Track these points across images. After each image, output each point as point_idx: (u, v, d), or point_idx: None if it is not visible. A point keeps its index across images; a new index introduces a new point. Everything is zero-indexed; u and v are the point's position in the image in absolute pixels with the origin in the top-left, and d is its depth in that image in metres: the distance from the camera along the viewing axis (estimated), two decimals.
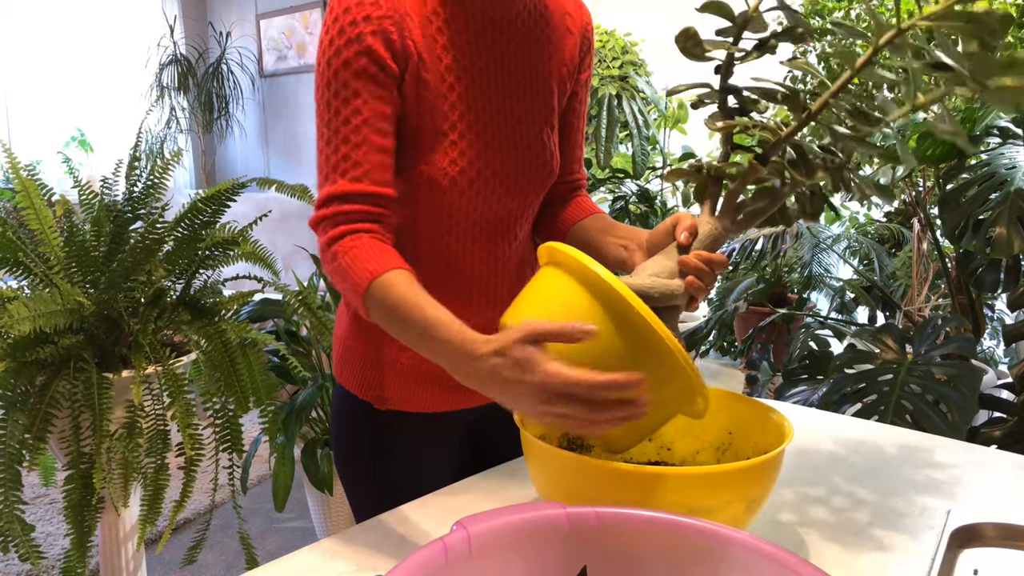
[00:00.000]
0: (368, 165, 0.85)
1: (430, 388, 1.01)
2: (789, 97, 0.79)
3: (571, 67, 1.01)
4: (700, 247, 0.79)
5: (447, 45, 0.90)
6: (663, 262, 0.79)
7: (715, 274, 0.78)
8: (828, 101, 0.77)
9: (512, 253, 1.01)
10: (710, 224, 0.80)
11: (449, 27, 0.90)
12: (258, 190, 1.96)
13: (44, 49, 4.40)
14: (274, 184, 1.85)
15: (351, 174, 0.85)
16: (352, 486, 1.06)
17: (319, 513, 2.28)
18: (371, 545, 0.83)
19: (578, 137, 1.08)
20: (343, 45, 0.84)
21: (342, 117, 0.85)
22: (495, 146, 0.93)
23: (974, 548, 0.82)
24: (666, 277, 0.78)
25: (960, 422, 1.60)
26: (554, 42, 0.99)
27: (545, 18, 0.98)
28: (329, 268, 0.86)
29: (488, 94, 0.93)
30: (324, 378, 2.21)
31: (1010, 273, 1.99)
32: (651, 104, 3.20)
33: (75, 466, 1.53)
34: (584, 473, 0.71)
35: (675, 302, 0.77)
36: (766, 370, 3.02)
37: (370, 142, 0.85)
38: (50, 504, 2.63)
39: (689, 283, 0.77)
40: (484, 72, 0.92)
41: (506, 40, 0.94)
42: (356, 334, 1.02)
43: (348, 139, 0.85)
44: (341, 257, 0.83)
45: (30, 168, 1.68)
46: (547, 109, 0.99)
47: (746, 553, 0.48)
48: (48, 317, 1.48)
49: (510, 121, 0.95)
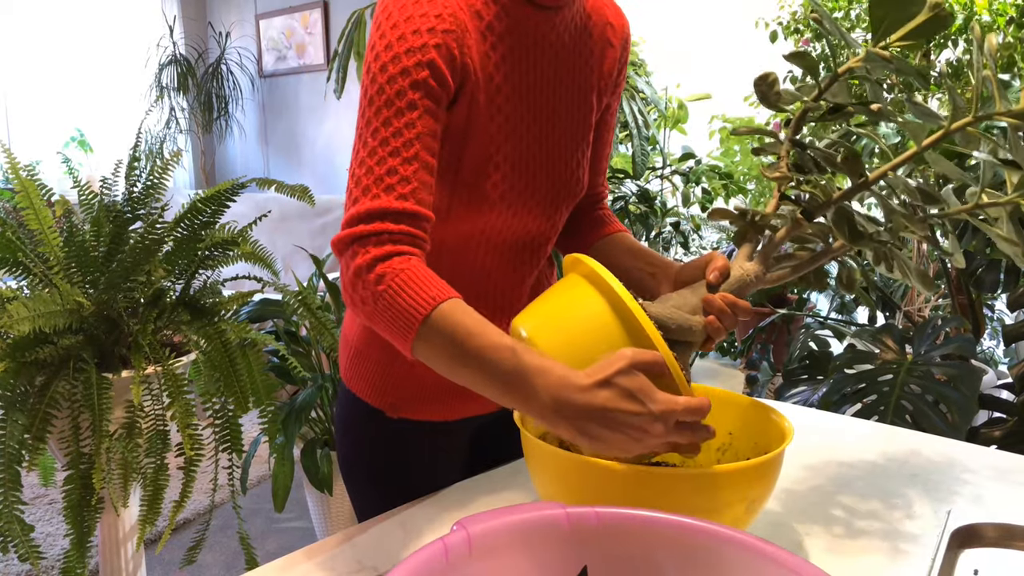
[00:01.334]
0: (416, 183, 0.78)
1: (444, 398, 1.00)
2: (849, 161, 0.78)
3: (609, 80, 0.99)
4: (728, 289, 0.78)
5: (499, 63, 0.86)
6: (688, 296, 0.79)
7: (736, 319, 0.76)
8: (887, 173, 0.76)
9: (533, 269, 1.00)
10: (743, 269, 0.80)
11: (503, 43, 0.86)
12: (258, 190, 1.96)
13: (44, 49, 4.40)
14: (274, 184, 1.85)
15: (398, 191, 0.77)
16: (356, 488, 1.06)
17: (319, 513, 2.27)
18: (371, 545, 0.83)
19: (606, 149, 1.05)
20: (403, 53, 0.79)
21: (393, 128, 0.78)
22: (535, 167, 0.91)
23: (974, 548, 0.82)
24: (687, 312, 0.77)
25: (960, 422, 1.60)
26: (596, 55, 0.96)
27: (588, 31, 0.95)
28: (368, 292, 0.75)
29: (533, 114, 0.90)
30: (324, 378, 2.21)
31: (1010, 273, 1.99)
32: (651, 104, 3.20)
33: (75, 466, 1.53)
34: (584, 473, 0.70)
35: (691, 338, 0.76)
36: (766, 370, 3.02)
37: (421, 159, 0.79)
38: (50, 504, 2.63)
39: (709, 322, 0.76)
40: (531, 91, 0.89)
41: (552, 56, 0.90)
42: (369, 340, 1.00)
43: (399, 152, 0.78)
44: (391, 279, 0.74)
45: (30, 168, 1.68)
46: (585, 126, 0.96)
47: (746, 553, 0.48)
48: (48, 317, 1.48)
49: (551, 140, 0.92)
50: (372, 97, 0.79)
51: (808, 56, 0.78)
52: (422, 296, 0.73)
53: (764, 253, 0.81)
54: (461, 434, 1.06)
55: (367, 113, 0.80)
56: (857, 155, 0.78)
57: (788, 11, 2.84)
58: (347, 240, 0.77)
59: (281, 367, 2.16)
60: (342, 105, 4.48)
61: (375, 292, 0.75)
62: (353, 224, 0.77)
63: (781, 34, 2.85)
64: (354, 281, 0.76)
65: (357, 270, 0.76)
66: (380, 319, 0.76)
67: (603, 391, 0.65)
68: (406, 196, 0.77)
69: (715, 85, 3.62)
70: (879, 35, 0.74)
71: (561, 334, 0.73)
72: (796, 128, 0.81)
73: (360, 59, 2.73)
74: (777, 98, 0.80)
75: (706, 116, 3.77)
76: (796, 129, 0.81)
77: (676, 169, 3.60)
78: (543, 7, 0.87)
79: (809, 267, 0.81)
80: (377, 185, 0.77)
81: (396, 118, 0.78)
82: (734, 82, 3.50)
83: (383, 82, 0.79)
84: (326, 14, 4.50)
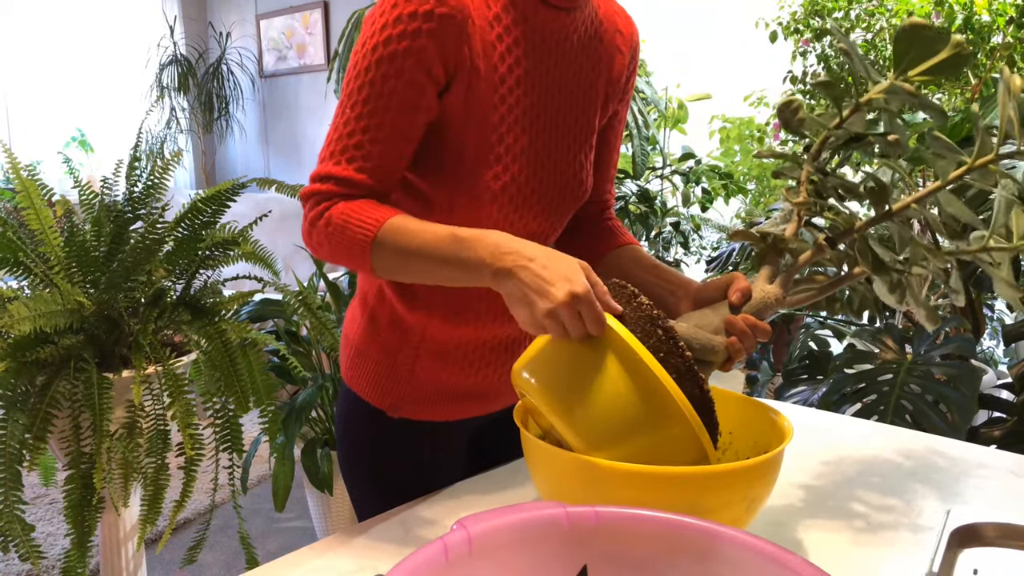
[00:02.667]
0: (378, 161, 0.84)
1: (444, 399, 1.01)
2: (874, 192, 0.80)
3: (616, 87, 0.99)
4: (750, 311, 0.80)
5: (504, 54, 0.87)
6: (709, 316, 0.80)
7: (756, 342, 0.78)
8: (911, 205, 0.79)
9: None
10: (763, 291, 0.81)
11: (509, 35, 0.87)
12: (258, 190, 1.97)
13: (44, 49, 4.40)
14: (274, 184, 1.85)
15: (358, 164, 0.83)
16: (357, 488, 1.06)
17: (319, 513, 2.28)
18: (371, 545, 0.83)
19: (613, 156, 1.06)
20: (396, 35, 0.80)
21: (370, 106, 0.83)
22: (537, 163, 0.91)
23: (974, 548, 0.82)
24: (710, 331, 0.78)
25: (960, 422, 1.60)
26: (604, 61, 0.96)
27: (599, 36, 0.95)
28: (322, 233, 0.84)
29: (537, 109, 0.90)
30: (324, 378, 2.21)
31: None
32: (651, 104, 3.20)
33: (75, 466, 1.53)
34: (584, 473, 0.71)
35: (712, 358, 0.77)
36: (766, 370, 3.02)
37: (388, 141, 0.83)
38: (50, 504, 2.63)
39: (731, 343, 0.77)
40: (535, 87, 0.90)
41: (560, 56, 0.91)
42: (370, 340, 1.00)
43: (369, 129, 0.83)
44: (338, 216, 0.82)
45: (30, 168, 1.68)
46: (589, 129, 0.97)
47: (746, 552, 0.48)
48: (48, 317, 1.48)
49: (554, 138, 0.93)
50: (360, 71, 0.83)
51: (834, 86, 0.80)
52: (366, 222, 0.81)
53: (786, 277, 0.82)
54: (461, 434, 1.06)
55: (351, 84, 0.84)
56: (884, 186, 0.79)
57: (788, 11, 2.84)
58: (306, 195, 0.86)
59: (281, 367, 2.16)
60: None
61: (327, 233, 0.83)
62: (315, 181, 0.85)
63: (781, 34, 2.85)
64: (309, 230, 0.85)
65: (311, 220, 0.85)
66: (338, 253, 0.84)
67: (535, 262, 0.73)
68: (364, 170, 0.84)
69: (715, 85, 3.62)
70: (901, 69, 0.76)
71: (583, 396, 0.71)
72: (816, 154, 0.83)
73: None
74: (799, 124, 0.83)
75: (706, 116, 3.76)
76: (816, 155, 0.83)
77: (676, 169, 3.59)
78: (555, 7, 0.88)
79: (827, 292, 0.83)
80: (342, 153, 0.84)
81: (375, 97, 0.82)
82: (734, 82, 3.50)
83: (372, 60, 0.82)
84: (326, 14, 4.50)
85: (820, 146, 0.83)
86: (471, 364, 0.99)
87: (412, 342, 0.98)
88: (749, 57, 3.32)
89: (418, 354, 0.98)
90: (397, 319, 0.98)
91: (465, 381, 1.00)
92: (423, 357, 0.98)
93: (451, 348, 0.98)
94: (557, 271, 0.71)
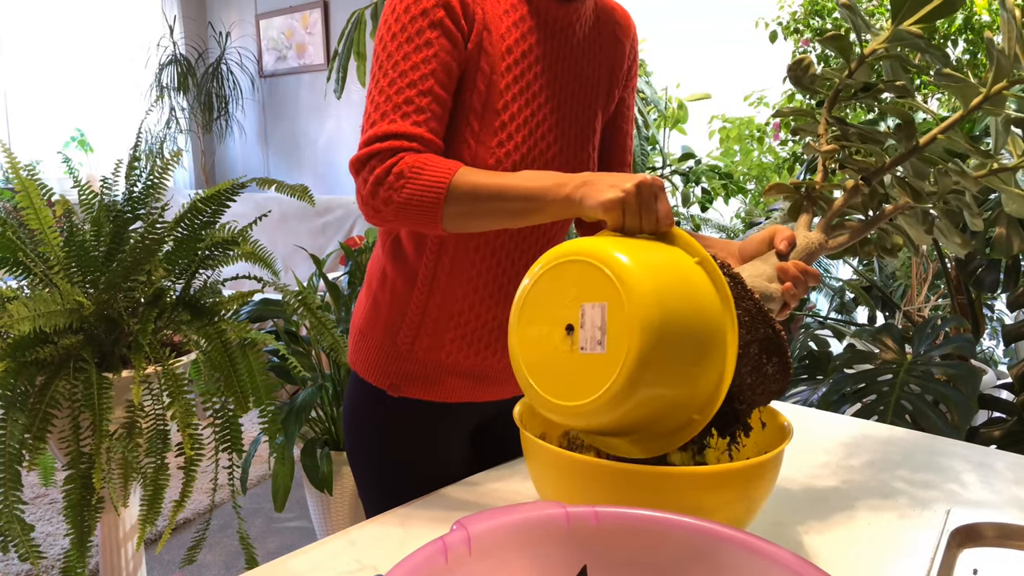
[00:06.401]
0: (430, 113, 0.87)
1: (442, 378, 1.03)
2: (903, 128, 0.85)
3: (618, 75, 1.05)
4: (797, 257, 0.83)
5: (511, 27, 0.93)
6: (761, 267, 0.82)
7: (808, 286, 0.81)
8: (936, 136, 0.83)
9: (533, 251, 1.02)
10: (807, 238, 0.84)
11: (516, 11, 0.93)
12: (258, 190, 1.97)
13: (44, 49, 4.40)
14: (274, 184, 1.85)
15: (413, 118, 0.86)
16: (360, 473, 1.07)
17: (319, 513, 2.28)
18: (371, 545, 0.83)
19: (627, 141, 1.10)
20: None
21: (412, 62, 0.87)
22: (538, 136, 0.95)
23: (974, 548, 0.82)
24: (765, 280, 0.81)
25: (960, 422, 1.60)
26: (605, 51, 1.02)
27: (599, 28, 1.02)
28: (391, 189, 0.84)
29: (541, 84, 0.95)
30: (324, 378, 2.21)
31: (1010, 273, 1.99)
32: (651, 104, 3.20)
33: (75, 466, 1.53)
34: (584, 473, 0.71)
35: (771, 304, 0.80)
36: None
37: (435, 93, 0.87)
38: (50, 504, 2.63)
39: (786, 289, 0.80)
40: (540, 63, 0.95)
41: (563, 41, 0.97)
42: (372, 321, 1.04)
43: (415, 84, 0.86)
44: (409, 169, 0.83)
45: (30, 168, 1.68)
46: (591, 113, 1.01)
47: (746, 553, 0.48)
48: (48, 317, 1.48)
49: (557, 116, 0.97)
50: (395, 33, 0.87)
51: (842, 38, 0.84)
52: (440, 170, 0.83)
53: (825, 222, 0.86)
54: (461, 419, 1.07)
55: (388, 47, 0.88)
56: (912, 121, 0.84)
57: (788, 11, 2.84)
58: (364, 158, 0.86)
59: (281, 367, 2.16)
60: (342, 105, 4.48)
61: (397, 188, 0.84)
62: (371, 143, 0.86)
63: (781, 34, 2.85)
64: (374, 191, 0.85)
65: (377, 179, 0.85)
66: (408, 208, 0.84)
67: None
68: (420, 123, 0.86)
69: (715, 85, 3.62)
70: (900, 17, 0.82)
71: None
72: (831, 105, 0.88)
73: (360, 59, 2.73)
74: (811, 81, 0.88)
75: (706, 116, 3.76)
76: (831, 106, 0.88)
77: (676, 169, 3.59)
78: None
79: (864, 232, 0.87)
80: (395, 111, 0.86)
81: (415, 53, 0.87)
82: (734, 82, 3.50)
83: (406, 21, 0.87)
84: (326, 14, 4.50)
85: (834, 97, 0.88)
86: (470, 345, 1.02)
87: (412, 321, 1.00)
88: (749, 57, 3.32)
89: (418, 333, 1.01)
90: (398, 299, 1.01)
91: (465, 361, 1.02)
92: (423, 336, 1.01)
93: (451, 327, 1.00)
94: (625, 176, 0.75)
